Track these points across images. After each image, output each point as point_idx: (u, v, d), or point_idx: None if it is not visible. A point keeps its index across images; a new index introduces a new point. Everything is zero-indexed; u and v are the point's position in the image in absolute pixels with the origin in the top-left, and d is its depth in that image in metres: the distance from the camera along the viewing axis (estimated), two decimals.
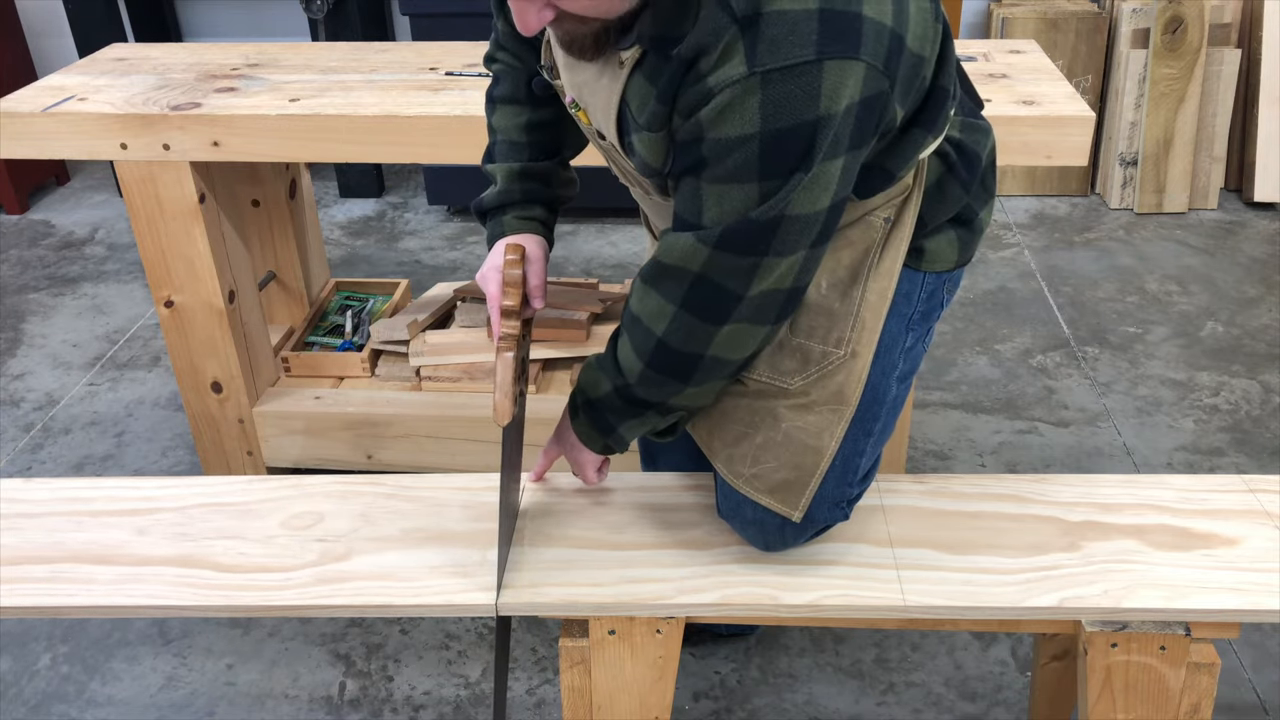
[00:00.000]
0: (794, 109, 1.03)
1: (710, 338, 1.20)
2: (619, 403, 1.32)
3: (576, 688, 1.43)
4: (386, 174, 4.07)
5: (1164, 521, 1.45)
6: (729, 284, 1.15)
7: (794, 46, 1.02)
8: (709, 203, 1.11)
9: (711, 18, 1.04)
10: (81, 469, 2.50)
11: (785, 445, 1.32)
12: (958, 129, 1.29)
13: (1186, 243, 3.43)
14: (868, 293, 1.29)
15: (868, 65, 1.04)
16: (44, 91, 2.01)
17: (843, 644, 1.96)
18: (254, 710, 1.87)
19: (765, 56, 1.02)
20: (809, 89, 1.02)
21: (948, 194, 1.29)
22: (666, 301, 1.19)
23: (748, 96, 1.03)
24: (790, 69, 1.02)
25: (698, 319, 1.19)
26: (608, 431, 1.36)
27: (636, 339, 1.24)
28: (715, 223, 1.12)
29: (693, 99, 1.08)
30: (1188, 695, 1.37)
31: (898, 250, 1.28)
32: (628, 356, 1.27)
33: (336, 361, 2.34)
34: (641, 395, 1.29)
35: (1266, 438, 2.49)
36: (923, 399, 2.64)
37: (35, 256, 3.56)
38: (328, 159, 1.97)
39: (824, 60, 1.02)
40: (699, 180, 1.11)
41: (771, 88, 1.03)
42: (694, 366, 1.23)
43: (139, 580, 1.39)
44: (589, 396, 1.35)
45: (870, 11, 1.04)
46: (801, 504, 1.33)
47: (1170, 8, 3.42)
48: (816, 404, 1.31)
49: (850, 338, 1.29)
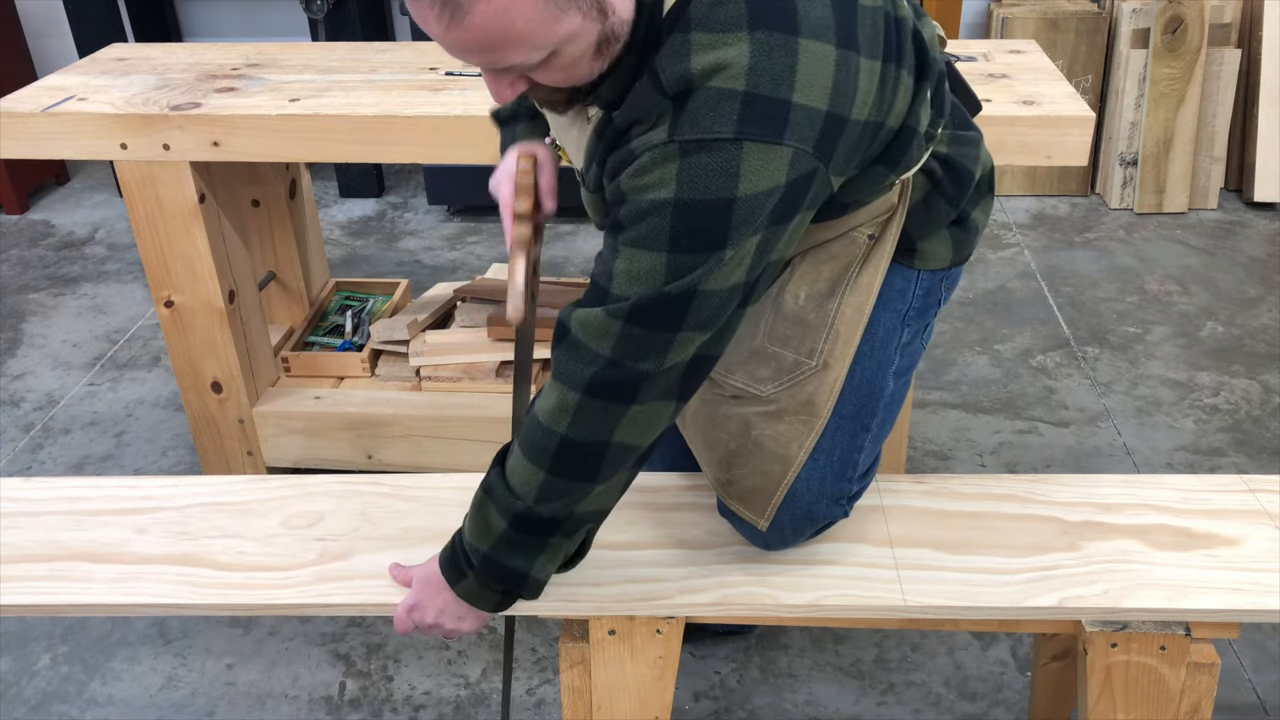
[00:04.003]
0: (710, 184, 1.02)
1: (617, 421, 1.13)
2: (520, 535, 1.21)
3: (576, 688, 1.43)
4: (386, 174, 4.07)
5: (1164, 521, 1.45)
6: (641, 363, 1.10)
7: (713, 122, 1.01)
8: (619, 265, 1.08)
9: (647, 91, 1.05)
10: (81, 469, 2.50)
11: (755, 453, 1.33)
12: (946, 144, 1.28)
13: (1186, 243, 3.43)
14: (844, 306, 1.29)
15: (795, 150, 1.03)
16: (44, 91, 2.01)
17: (843, 644, 1.96)
18: (254, 710, 1.87)
19: (686, 128, 1.02)
20: (726, 167, 1.02)
21: (934, 211, 1.29)
22: (569, 389, 1.12)
23: (666, 162, 1.03)
24: (707, 143, 1.02)
25: (605, 401, 1.12)
26: (516, 581, 1.24)
27: (534, 445, 1.16)
28: (623, 292, 1.08)
29: (618, 161, 1.08)
30: (1188, 695, 1.37)
31: (878, 266, 1.29)
32: (523, 471, 1.18)
33: (336, 361, 2.34)
34: (545, 513, 1.19)
35: (1266, 438, 2.48)
36: (922, 399, 2.64)
37: (35, 256, 3.56)
38: (328, 159, 1.97)
39: (743, 141, 1.01)
40: (615, 241, 1.09)
41: (689, 158, 1.02)
42: (600, 459, 1.15)
43: (138, 579, 1.39)
44: (482, 547, 1.23)
45: (801, 98, 1.02)
46: (768, 512, 1.34)
47: (1170, 8, 3.42)
48: (786, 413, 1.31)
49: (823, 349, 1.29)
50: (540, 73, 1.05)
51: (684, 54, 1.02)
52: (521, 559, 1.23)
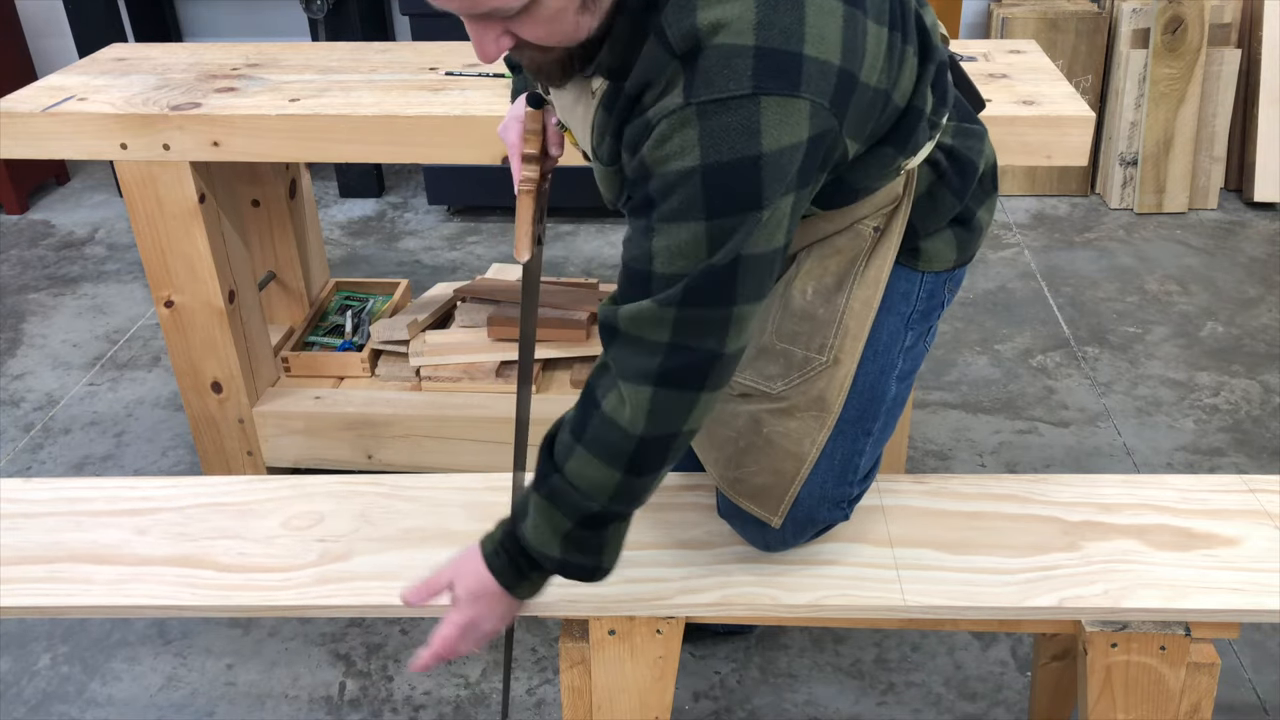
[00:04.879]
0: (734, 143, 1.01)
1: (690, 409, 1.12)
2: (587, 533, 1.18)
3: (576, 688, 1.43)
4: (386, 174, 4.07)
5: (1164, 521, 1.45)
6: (706, 343, 1.08)
7: (728, 80, 1.00)
8: (659, 243, 1.06)
9: (653, 54, 1.03)
10: (81, 469, 2.50)
11: (766, 450, 1.33)
12: (951, 135, 1.28)
13: (1186, 243, 3.43)
14: (852, 300, 1.28)
15: (812, 103, 1.02)
16: (44, 91, 2.01)
17: (843, 644, 1.96)
18: (254, 710, 1.87)
19: (700, 89, 1.00)
20: (747, 124, 1.00)
21: (939, 203, 1.28)
22: (639, 385, 1.10)
23: (685, 127, 1.01)
24: (724, 102, 1.00)
25: (679, 390, 1.10)
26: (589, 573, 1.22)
27: (608, 447, 1.13)
28: (668, 271, 1.06)
29: (635, 132, 1.07)
30: (1188, 695, 1.37)
31: (884, 259, 1.28)
32: (595, 474, 1.14)
33: (336, 361, 2.34)
34: (617, 509, 1.17)
35: (1266, 438, 2.48)
36: (923, 399, 2.64)
37: (35, 256, 3.56)
38: (328, 159, 1.97)
39: (760, 96, 1.00)
40: (649, 222, 1.07)
41: (708, 120, 1.01)
42: (668, 450, 1.14)
43: (139, 580, 1.39)
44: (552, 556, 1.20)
45: (812, 51, 1.01)
46: (781, 509, 1.33)
47: (1170, 8, 3.42)
48: (798, 409, 1.31)
49: (833, 344, 1.29)
50: (524, 25, 1.03)
51: (689, 10, 1.01)
52: (593, 554, 1.21)
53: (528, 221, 1.30)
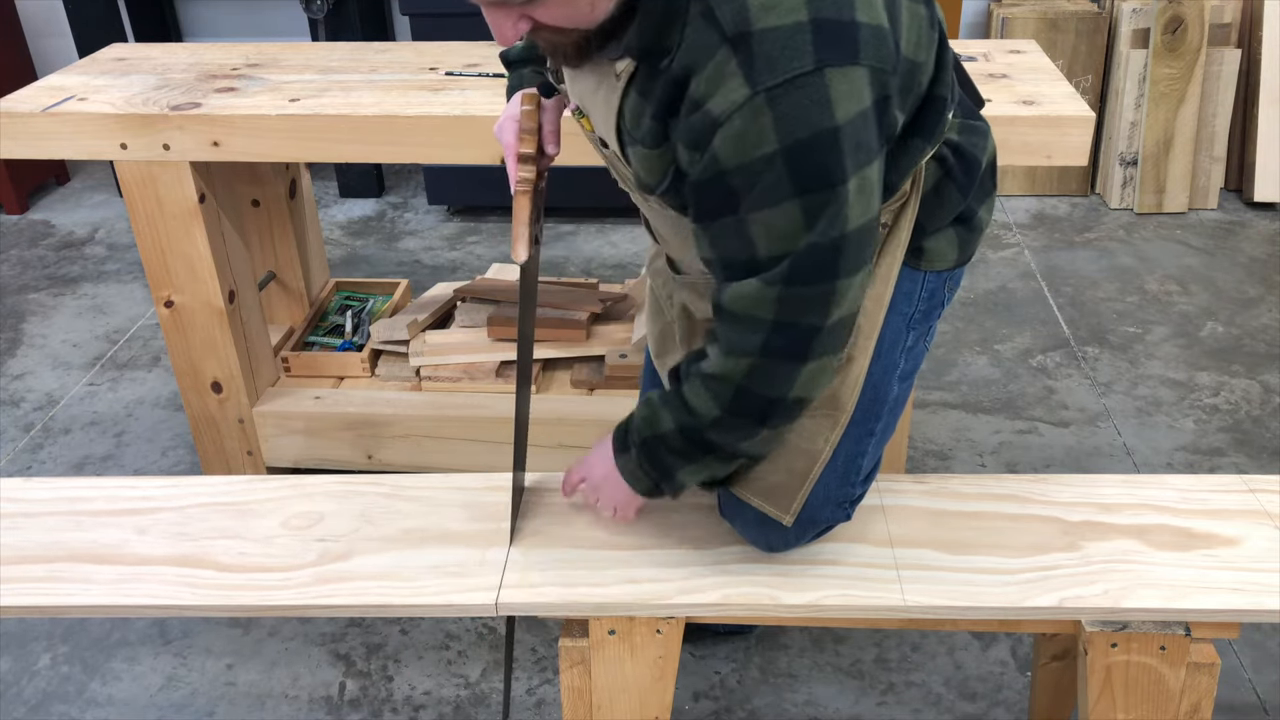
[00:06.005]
0: (808, 120, 1.01)
1: (794, 377, 1.16)
2: (682, 443, 1.26)
3: (576, 688, 1.43)
4: (386, 174, 4.07)
5: (1164, 521, 1.45)
6: (808, 318, 1.12)
7: (791, 60, 1.00)
8: (756, 231, 1.07)
9: (699, 34, 1.03)
10: (81, 469, 2.50)
11: (780, 449, 1.32)
12: (956, 131, 1.28)
13: (1186, 243, 3.43)
14: (864, 298, 1.28)
15: (871, 69, 1.03)
16: (44, 91, 2.01)
17: (843, 644, 1.96)
18: (254, 710, 1.87)
19: (764, 74, 1.00)
20: (818, 98, 1.01)
21: (945, 198, 1.28)
22: (741, 357, 1.15)
23: (758, 116, 1.01)
24: (791, 82, 1.00)
25: (781, 361, 1.15)
26: (665, 474, 1.30)
27: (713, 388, 1.20)
28: (770, 252, 1.08)
29: (698, 130, 1.05)
30: (1188, 695, 1.37)
31: (894, 256, 1.28)
32: (702, 401, 1.21)
33: (336, 361, 2.34)
34: (712, 439, 1.24)
35: (1266, 438, 2.48)
36: (923, 399, 2.64)
37: (35, 256, 3.56)
38: (328, 159, 1.97)
39: (824, 69, 1.00)
40: (738, 216, 1.07)
41: (779, 104, 1.01)
42: (773, 410, 1.19)
43: (139, 580, 1.39)
44: (647, 434, 1.29)
45: (864, 17, 1.03)
46: (794, 508, 1.33)
47: (1170, 8, 3.42)
48: (812, 408, 1.30)
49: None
50: (540, 9, 1.03)
51: None
52: (675, 459, 1.28)
53: (525, 222, 1.30)
